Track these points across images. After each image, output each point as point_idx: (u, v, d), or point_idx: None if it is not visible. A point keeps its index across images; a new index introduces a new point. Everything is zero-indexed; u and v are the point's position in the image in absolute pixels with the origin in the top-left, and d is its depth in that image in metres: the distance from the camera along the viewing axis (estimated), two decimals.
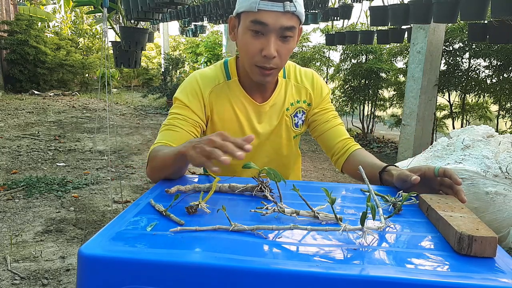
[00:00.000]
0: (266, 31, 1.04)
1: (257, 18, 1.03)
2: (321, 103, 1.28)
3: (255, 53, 1.07)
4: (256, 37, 1.06)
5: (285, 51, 1.07)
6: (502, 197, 1.88)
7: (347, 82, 5.82)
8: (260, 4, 1.01)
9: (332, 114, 1.29)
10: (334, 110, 1.31)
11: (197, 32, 8.36)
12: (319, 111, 1.28)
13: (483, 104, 4.28)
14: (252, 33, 1.06)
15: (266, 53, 1.05)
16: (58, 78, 9.22)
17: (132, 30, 2.82)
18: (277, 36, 1.05)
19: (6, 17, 9.01)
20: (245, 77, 1.20)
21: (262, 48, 1.05)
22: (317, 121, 1.28)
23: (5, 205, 2.75)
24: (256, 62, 1.08)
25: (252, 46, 1.07)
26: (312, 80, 1.28)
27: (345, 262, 0.59)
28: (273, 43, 1.04)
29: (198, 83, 1.19)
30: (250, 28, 1.05)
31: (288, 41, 1.07)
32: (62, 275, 1.97)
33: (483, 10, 2.53)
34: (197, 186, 0.91)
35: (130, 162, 3.99)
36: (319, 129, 1.28)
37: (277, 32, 1.04)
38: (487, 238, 0.61)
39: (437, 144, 2.24)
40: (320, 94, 1.28)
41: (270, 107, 1.22)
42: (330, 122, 1.27)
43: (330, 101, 1.32)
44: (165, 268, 0.57)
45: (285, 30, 1.04)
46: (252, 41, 1.06)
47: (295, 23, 1.06)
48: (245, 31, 1.07)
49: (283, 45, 1.06)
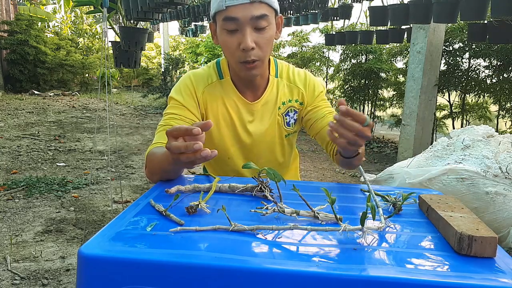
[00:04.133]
0: (239, 26, 1.05)
1: (227, 15, 1.05)
2: (314, 101, 1.27)
3: (234, 50, 1.09)
4: (231, 34, 1.07)
5: (264, 41, 1.08)
6: (502, 197, 1.88)
7: (347, 82, 5.82)
8: (227, 1, 1.04)
9: (327, 111, 1.26)
10: (330, 107, 1.29)
11: (197, 32, 8.35)
12: (312, 108, 1.26)
13: (483, 104, 4.27)
14: (226, 31, 1.08)
15: (243, 46, 1.06)
16: (58, 78, 9.22)
17: (132, 30, 2.82)
18: (251, 28, 1.06)
19: (6, 17, 9.01)
20: (236, 76, 1.20)
21: (239, 43, 1.07)
22: (312, 119, 1.26)
23: (5, 205, 2.75)
24: (239, 58, 1.09)
25: (230, 43, 1.08)
26: (305, 79, 1.27)
27: (345, 262, 0.59)
28: (248, 35, 1.05)
29: (191, 82, 1.20)
30: (224, 27, 1.07)
31: (265, 30, 1.08)
32: (62, 275, 1.97)
33: (483, 10, 2.53)
34: (197, 186, 0.90)
35: (130, 162, 3.99)
36: (315, 126, 1.25)
37: (250, 24, 1.05)
38: (487, 238, 0.61)
39: (437, 144, 2.24)
40: (313, 92, 1.27)
41: (261, 106, 1.22)
42: (326, 118, 1.24)
43: (325, 99, 1.30)
44: (165, 268, 0.57)
45: (257, 20, 1.05)
46: (228, 39, 1.08)
47: (266, 11, 1.06)
48: (221, 31, 1.09)
49: (260, 35, 1.07)
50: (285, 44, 7.11)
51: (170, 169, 0.94)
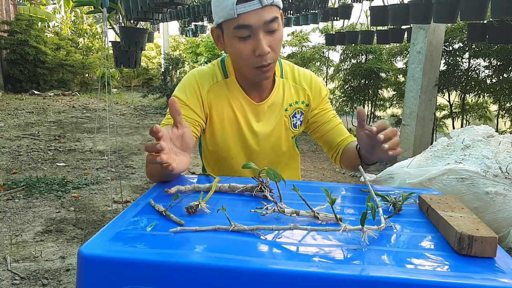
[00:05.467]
0: (252, 32, 1.03)
1: (239, 23, 1.02)
2: (320, 104, 1.28)
3: (249, 57, 1.07)
4: (244, 41, 1.05)
5: (276, 43, 1.07)
6: (502, 197, 1.88)
7: (347, 82, 5.82)
8: (238, 8, 1.00)
9: (332, 114, 1.29)
10: (332, 109, 1.32)
11: (197, 32, 8.35)
12: (319, 112, 1.28)
13: (483, 104, 4.27)
14: (238, 39, 1.05)
15: (260, 53, 1.04)
16: (58, 78, 9.22)
17: (132, 30, 2.82)
18: (264, 32, 1.04)
19: (6, 17, 9.01)
20: (242, 77, 1.19)
21: (254, 49, 1.05)
22: (317, 122, 1.28)
23: (5, 205, 2.75)
24: (253, 64, 1.08)
25: (244, 50, 1.06)
26: (311, 81, 1.27)
27: (345, 262, 0.59)
28: (263, 41, 1.04)
29: (196, 81, 1.18)
30: (236, 35, 1.04)
31: (276, 32, 1.06)
32: (62, 275, 1.96)
33: (483, 10, 2.53)
34: (197, 186, 0.90)
35: (130, 162, 3.99)
36: (321, 129, 1.28)
37: (263, 29, 1.04)
38: (487, 238, 0.61)
39: (437, 144, 2.23)
40: (319, 95, 1.28)
41: (268, 107, 1.22)
42: (331, 122, 1.28)
43: (329, 101, 1.32)
44: (165, 268, 0.57)
45: (270, 24, 1.03)
46: (242, 46, 1.06)
47: (277, 13, 1.05)
48: (231, 39, 1.06)
49: (272, 38, 1.06)
50: (285, 44, 7.11)
51: (164, 174, 0.93)
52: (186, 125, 0.90)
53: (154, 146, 0.80)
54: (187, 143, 0.90)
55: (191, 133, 0.92)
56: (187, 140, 0.90)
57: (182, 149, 0.90)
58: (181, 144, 0.90)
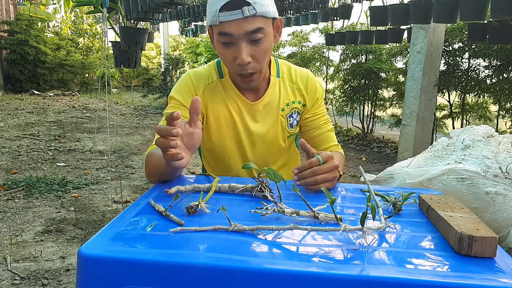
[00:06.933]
0: (234, 40, 1.03)
1: (221, 30, 1.03)
2: (313, 106, 1.28)
3: (231, 63, 1.07)
4: (227, 47, 1.05)
5: (260, 53, 1.06)
6: (502, 197, 1.88)
7: (347, 82, 5.82)
8: (220, 16, 1.00)
9: (323, 120, 1.29)
10: (325, 114, 1.32)
11: (197, 32, 8.35)
12: (310, 116, 1.28)
13: (483, 104, 4.27)
14: (222, 44, 1.06)
15: (239, 62, 1.04)
16: (58, 78, 9.22)
17: (132, 30, 2.82)
18: (247, 42, 1.03)
19: (6, 17, 9.01)
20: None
21: (235, 56, 1.05)
22: (307, 126, 1.29)
23: (5, 205, 2.75)
24: (235, 70, 1.09)
25: (226, 56, 1.07)
26: (307, 81, 1.27)
27: (345, 262, 0.59)
28: (243, 50, 1.03)
29: (192, 81, 1.19)
30: (219, 40, 1.06)
31: (260, 42, 1.04)
32: (62, 275, 1.96)
33: (483, 10, 2.53)
34: (197, 186, 0.90)
35: (130, 162, 3.99)
36: (308, 134, 1.29)
37: (245, 38, 1.02)
38: (487, 238, 0.61)
39: (437, 144, 2.23)
40: (314, 96, 1.28)
41: (263, 107, 1.22)
42: (320, 129, 1.29)
43: (323, 104, 1.32)
44: (165, 268, 0.57)
45: (252, 34, 1.02)
46: (225, 52, 1.06)
47: (262, 24, 1.03)
48: (217, 43, 1.08)
49: (256, 48, 1.05)
50: (285, 44, 7.11)
51: (165, 172, 0.93)
52: (199, 126, 0.90)
53: (170, 130, 0.76)
54: (193, 143, 0.90)
55: (201, 135, 0.91)
56: (195, 141, 0.90)
57: (187, 146, 0.89)
58: (188, 141, 0.88)
